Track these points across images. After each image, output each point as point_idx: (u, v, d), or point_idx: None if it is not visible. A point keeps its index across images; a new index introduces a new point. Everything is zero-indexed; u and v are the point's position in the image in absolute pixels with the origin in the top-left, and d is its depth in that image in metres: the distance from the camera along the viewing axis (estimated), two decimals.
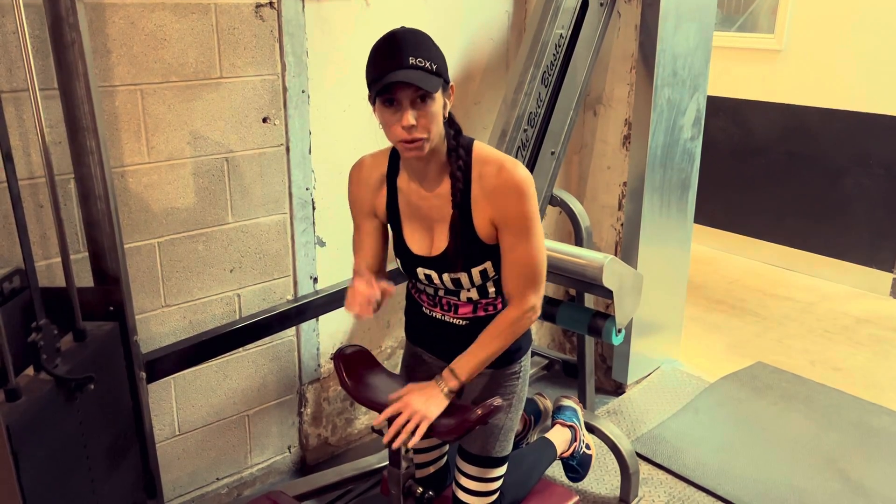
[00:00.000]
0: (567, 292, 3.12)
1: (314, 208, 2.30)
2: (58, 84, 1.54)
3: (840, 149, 4.10)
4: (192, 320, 2.11)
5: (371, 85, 1.39)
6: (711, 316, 3.79)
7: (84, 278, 1.73)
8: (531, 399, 2.28)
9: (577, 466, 2.18)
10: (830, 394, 3.00)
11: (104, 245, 1.62)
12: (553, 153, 2.44)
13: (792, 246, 4.40)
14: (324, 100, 2.25)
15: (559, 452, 2.11)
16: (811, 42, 4.11)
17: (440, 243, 1.53)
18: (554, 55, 2.38)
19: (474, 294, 1.58)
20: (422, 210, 1.55)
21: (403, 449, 1.54)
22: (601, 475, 2.48)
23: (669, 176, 2.85)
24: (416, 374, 1.75)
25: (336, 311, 2.28)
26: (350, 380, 1.67)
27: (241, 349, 2.23)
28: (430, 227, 1.55)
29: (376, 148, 1.64)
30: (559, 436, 2.13)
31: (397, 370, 1.89)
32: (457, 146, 1.49)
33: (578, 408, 2.25)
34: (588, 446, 2.21)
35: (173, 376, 2.07)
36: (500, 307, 1.60)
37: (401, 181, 1.57)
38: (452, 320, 1.63)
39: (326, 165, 2.29)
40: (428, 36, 1.43)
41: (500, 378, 1.67)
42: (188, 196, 2.02)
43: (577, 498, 1.93)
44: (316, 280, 2.35)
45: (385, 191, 1.59)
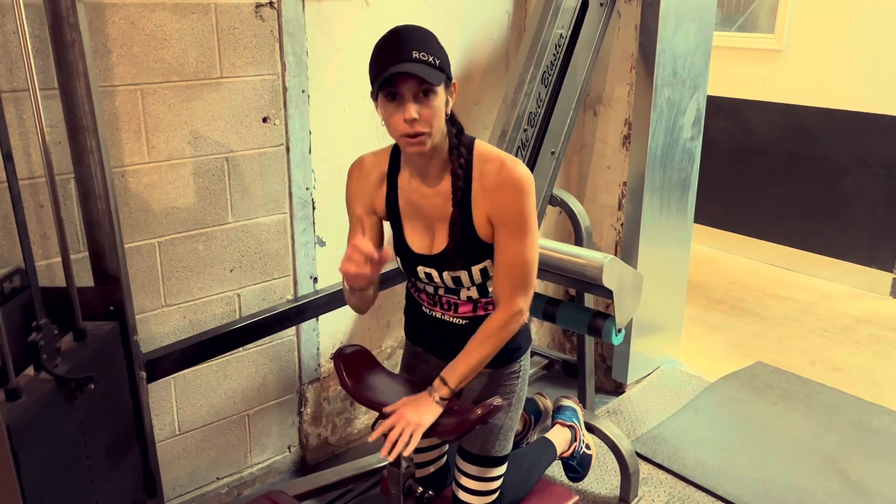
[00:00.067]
0: (567, 292, 3.12)
1: (314, 208, 2.30)
2: (58, 84, 1.54)
3: (840, 149, 4.10)
4: (193, 320, 2.11)
5: (374, 79, 1.39)
6: (711, 316, 3.79)
7: (84, 278, 1.73)
8: (531, 399, 2.28)
9: (577, 466, 2.18)
10: (830, 394, 3.00)
11: (104, 245, 1.62)
12: (553, 153, 2.44)
13: (792, 246, 4.40)
14: (324, 100, 2.25)
15: (559, 452, 2.11)
16: (811, 42, 4.11)
17: (440, 241, 1.53)
18: (554, 55, 2.38)
19: (474, 293, 1.58)
20: (422, 208, 1.55)
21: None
22: (601, 475, 2.48)
23: (669, 176, 2.85)
24: (416, 374, 1.76)
25: (336, 311, 2.28)
26: (350, 379, 1.67)
27: (241, 349, 2.23)
28: (431, 226, 1.55)
29: (377, 147, 1.64)
30: (559, 436, 2.13)
31: (397, 370, 1.89)
32: (458, 144, 1.49)
33: (578, 408, 2.25)
34: (588, 446, 2.21)
35: (173, 376, 2.08)
36: None
37: (401, 179, 1.57)
38: (452, 319, 1.63)
39: (326, 165, 2.29)
40: (431, 32, 1.43)
41: (500, 377, 1.67)
42: (188, 196, 2.02)
43: (577, 498, 1.93)
44: (316, 280, 2.36)
45: (385, 189, 1.59)
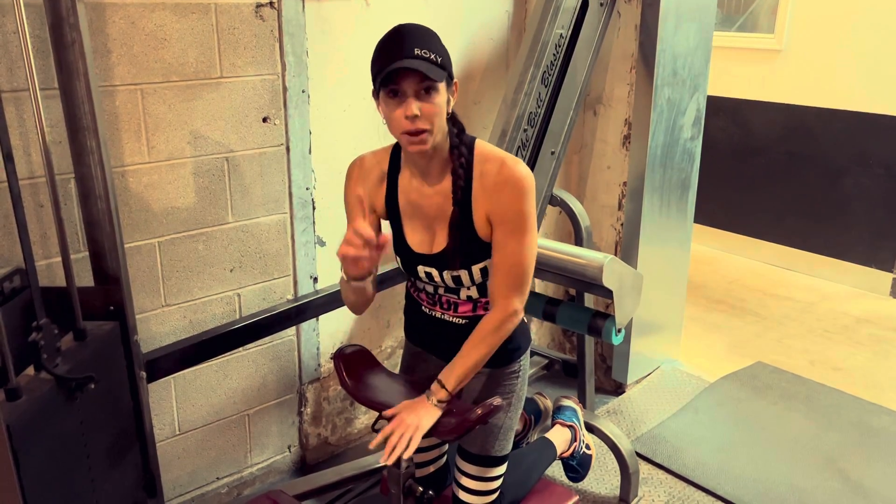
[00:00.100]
0: (567, 292, 3.12)
1: (314, 208, 2.30)
2: (58, 84, 1.55)
3: (840, 149, 4.10)
4: (193, 320, 2.11)
5: (375, 76, 1.39)
6: (711, 316, 3.79)
7: (84, 278, 1.73)
8: (531, 399, 2.28)
9: (577, 466, 2.18)
10: (830, 394, 3.00)
11: (104, 245, 1.62)
12: (553, 153, 2.44)
13: (792, 246, 4.40)
14: (324, 100, 2.25)
15: (559, 452, 2.11)
16: (811, 42, 4.11)
17: (441, 241, 1.53)
18: (554, 55, 2.38)
19: (474, 292, 1.58)
20: (423, 208, 1.54)
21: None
22: (601, 475, 2.48)
23: (669, 176, 2.85)
24: (416, 374, 1.76)
25: (336, 311, 2.28)
26: (350, 379, 1.67)
27: (242, 349, 2.23)
28: (431, 225, 1.55)
29: (377, 147, 1.64)
30: (559, 436, 2.13)
31: (397, 370, 1.89)
32: (459, 144, 1.49)
33: (578, 408, 2.25)
34: (588, 446, 2.21)
35: (173, 376, 2.08)
36: None
37: (402, 179, 1.57)
38: (452, 319, 1.63)
39: (326, 165, 2.29)
40: (433, 31, 1.43)
41: (500, 377, 1.67)
42: (188, 196, 2.02)
43: (577, 497, 1.93)
44: (316, 280, 2.36)
45: (385, 188, 1.59)
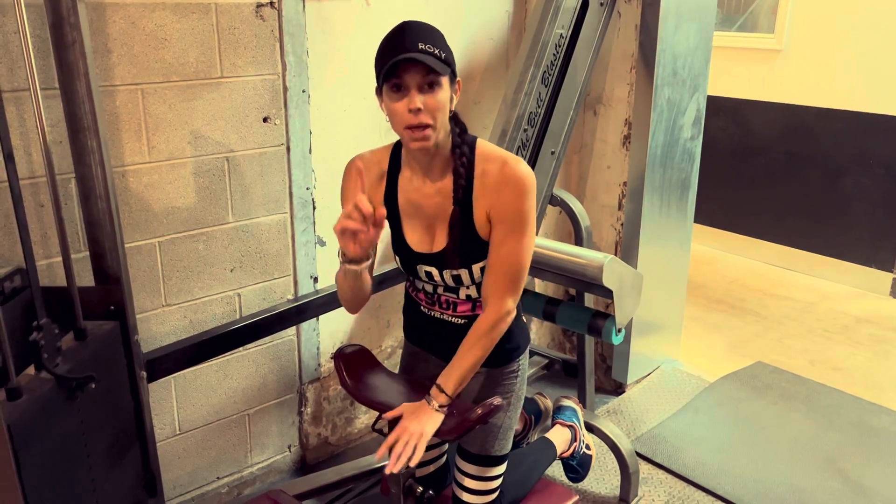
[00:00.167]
0: (567, 292, 3.12)
1: (314, 208, 2.30)
2: (59, 84, 1.55)
3: (840, 149, 4.10)
4: (193, 320, 2.11)
5: (379, 70, 1.39)
6: (711, 316, 3.79)
7: (85, 278, 1.73)
8: (531, 399, 2.28)
9: (577, 466, 2.18)
10: (830, 394, 3.00)
11: (105, 244, 1.62)
12: (553, 153, 2.44)
13: (792, 246, 4.40)
14: (324, 99, 2.25)
15: (559, 452, 2.11)
16: (811, 42, 4.11)
17: (441, 240, 1.54)
18: (554, 55, 2.38)
19: (473, 291, 1.59)
20: (423, 207, 1.54)
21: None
22: (601, 475, 2.48)
23: (669, 176, 2.85)
24: (416, 374, 1.76)
25: (336, 311, 2.28)
26: (350, 379, 1.68)
27: (242, 348, 2.23)
28: (431, 224, 1.55)
29: (377, 147, 1.64)
30: (559, 436, 2.13)
31: (397, 370, 1.89)
32: (461, 143, 1.49)
33: (578, 408, 2.25)
34: (588, 446, 2.21)
35: (174, 375, 2.08)
36: None
37: (402, 178, 1.57)
38: (451, 319, 1.63)
39: (327, 165, 2.29)
40: (437, 29, 1.43)
41: (499, 377, 1.67)
42: (189, 195, 2.02)
43: (577, 497, 1.93)
44: (316, 279, 2.36)
45: (384, 187, 1.58)
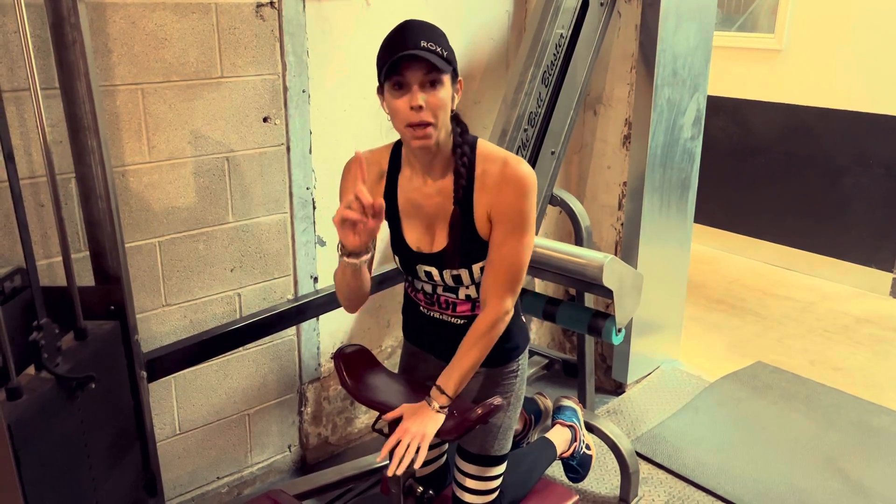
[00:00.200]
0: (567, 292, 3.12)
1: (315, 208, 2.30)
2: (59, 83, 1.55)
3: (840, 149, 4.10)
4: (193, 319, 2.11)
5: (381, 68, 1.39)
6: (711, 316, 3.79)
7: (85, 277, 1.73)
8: (531, 398, 2.28)
9: (578, 466, 2.18)
10: (830, 394, 3.00)
11: (105, 244, 1.62)
12: (553, 153, 2.44)
13: (792, 246, 4.40)
14: (324, 99, 2.25)
15: (559, 452, 2.11)
16: (811, 42, 4.11)
17: (441, 240, 1.54)
18: (554, 55, 2.38)
19: (473, 291, 1.59)
20: (423, 207, 1.54)
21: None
22: (601, 475, 2.48)
23: (669, 176, 2.85)
24: (416, 374, 1.76)
25: (336, 311, 2.28)
26: (350, 379, 1.68)
27: (242, 348, 2.23)
28: (431, 224, 1.55)
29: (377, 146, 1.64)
30: (559, 436, 2.13)
31: (397, 369, 1.89)
32: (462, 143, 1.49)
33: (578, 408, 2.25)
34: (588, 446, 2.21)
35: (174, 375, 2.08)
36: None
37: (402, 178, 1.57)
38: (450, 319, 1.63)
39: (327, 165, 2.29)
40: (440, 28, 1.44)
41: (498, 377, 1.67)
42: (189, 195, 2.02)
43: (577, 497, 1.93)
44: (316, 279, 2.36)
45: (383, 186, 1.58)
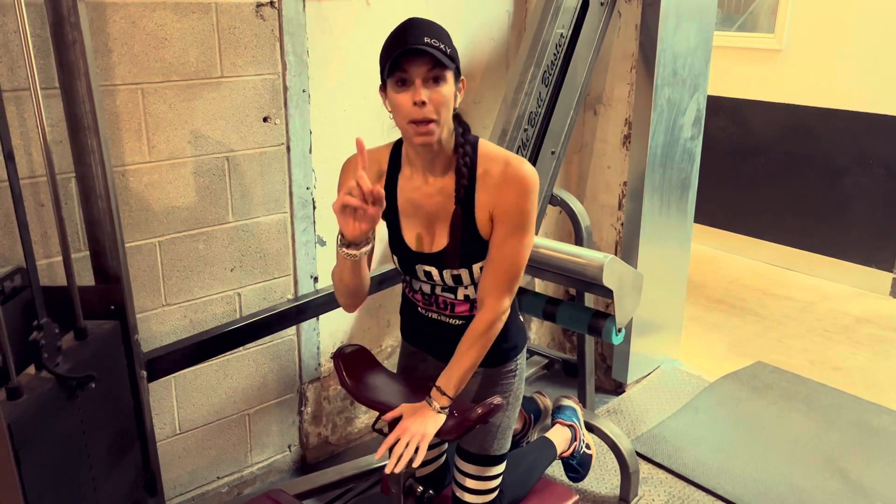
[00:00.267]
0: (567, 292, 3.12)
1: (315, 207, 2.30)
2: (59, 83, 1.55)
3: (840, 149, 4.10)
4: (193, 319, 2.11)
5: (384, 64, 1.39)
6: (711, 315, 3.79)
7: (85, 277, 1.73)
8: (531, 398, 2.28)
9: (578, 466, 2.18)
10: (830, 393, 3.00)
11: (105, 244, 1.62)
12: (553, 153, 2.44)
13: (792, 245, 4.40)
14: (324, 99, 2.25)
15: (559, 452, 2.11)
16: (811, 42, 4.11)
17: (441, 240, 1.53)
18: (554, 55, 2.38)
19: (471, 292, 1.58)
20: (423, 206, 1.54)
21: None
22: (601, 474, 2.48)
23: (669, 175, 2.85)
24: (415, 374, 1.76)
25: (336, 311, 2.28)
26: (350, 379, 1.68)
27: (242, 348, 2.23)
28: (431, 224, 1.55)
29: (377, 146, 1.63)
30: (559, 435, 2.13)
31: (396, 369, 1.89)
32: (464, 143, 1.50)
33: (578, 407, 2.25)
34: (588, 446, 2.21)
35: (174, 375, 2.08)
36: None
37: (402, 177, 1.56)
38: (448, 320, 1.63)
39: (327, 165, 2.29)
40: (442, 26, 1.44)
41: (497, 376, 1.67)
42: (189, 195, 2.02)
43: (577, 497, 1.93)
44: (316, 279, 2.36)
45: (382, 185, 1.57)
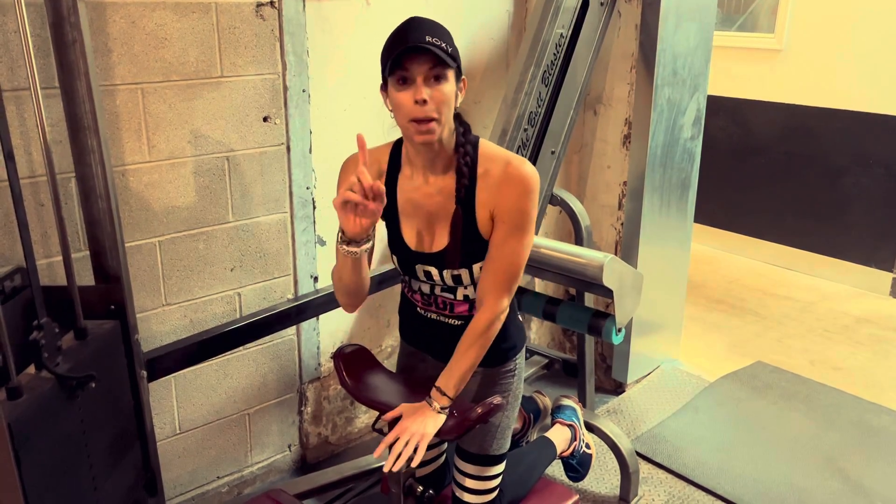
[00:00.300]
0: (567, 292, 3.12)
1: (315, 207, 2.30)
2: (59, 83, 1.55)
3: (840, 149, 4.10)
4: (193, 319, 2.11)
5: (385, 62, 1.39)
6: (711, 315, 3.79)
7: (85, 277, 1.73)
8: (530, 397, 2.28)
9: (577, 466, 2.18)
10: (830, 393, 3.00)
11: (105, 244, 1.62)
12: (553, 152, 2.45)
13: (792, 245, 4.40)
14: (324, 99, 2.25)
15: (559, 451, 2.11)
16: (811, 42, 4.11)
17: (441, 240, 1.53)
18: (554, 55, 2.38)
19: (471, 292, 1.58)
20: (423, 206, 1.54)
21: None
22: (601, 474, 2.48)
23: (669, 175, 2.86)
24: (415, 374, 1.76)
25: (336, 311, 2.28)
26: (350, 379, 1.68)
27: (242, 348, 2.23)
28: (431, 224, 1.55)
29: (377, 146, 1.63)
30: (559, 435, 2.13)
31: (395, 369, 1.89)
32: (465, 143, 1.50)
33: (578, 407, 2.26)
34: (588, 445, 2.21)
35: (174, 375, 2.08)
36: None
37: (402, 177, 1.57)
38: (448, 320, 1.63)
39: (327, 164, 2.29)
40: (444, 26, 1.44)
41: (496, 376, 1.68)
42: (189, 195, 2.02)
43: (577, 497, 1.93)
44: (316, 279, 2.36)
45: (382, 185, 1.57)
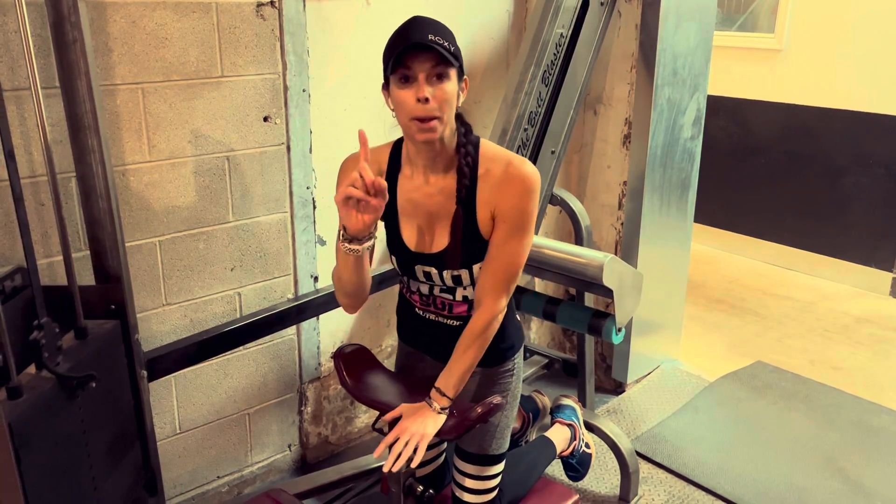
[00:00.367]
0: (567, 291, 3.12)
1: (315, 207, 2.30)
2: (59, 83, 1.55)
3: (840, 149, 4.10)
4: (193, 319, 2.12)
5: (388, 60, 1.39)
6: (711, 315, 3.80)
7: (85, 276, 1.74)
8: (529, 397, 2.28)
9: (577, 465, 2.18)
10: (830, 393, 3.00)
11: (105, 243, 1.62)
12: (553, 152, 2.45)
13: (792, 245, 4.40)
14: (325, 99, 2.25)
15: (559, 451, 2.11)
16: (811, 42, 4.11)
17: (441, 240, 1.53)
18: (554, 54, 2.38)
19: (470, 292, 1.58)
20: (423, 207, 1.54)
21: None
22: (601, 474, 2.48)
23: (669, 175, 2.86)
24: (415, 374, 1.76)
25: (336, 310, 2.28)
26: (350, 379, 1.68)
27: (242, 348, 2.23)
28: (431, 224, 1.55)
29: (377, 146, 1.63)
30: (559, 434, 2.13)
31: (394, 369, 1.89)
32: (466, 143, 1.50)
33: (578, 407, 2.26)
34: (588, 445, 2.22)
35: (174, 375, 2.08)
36: None
37: (402, 177, 1.57)
38: (446, 321, 1.63)
39: (327, 164, 2.29)
40: (446, 25, 1.44)
41: (495, 376, 1.68)
42: (189, 195, 2.02)
43: (577, 497, 1.93)
44: (317, 279, 2.36)
45: None
